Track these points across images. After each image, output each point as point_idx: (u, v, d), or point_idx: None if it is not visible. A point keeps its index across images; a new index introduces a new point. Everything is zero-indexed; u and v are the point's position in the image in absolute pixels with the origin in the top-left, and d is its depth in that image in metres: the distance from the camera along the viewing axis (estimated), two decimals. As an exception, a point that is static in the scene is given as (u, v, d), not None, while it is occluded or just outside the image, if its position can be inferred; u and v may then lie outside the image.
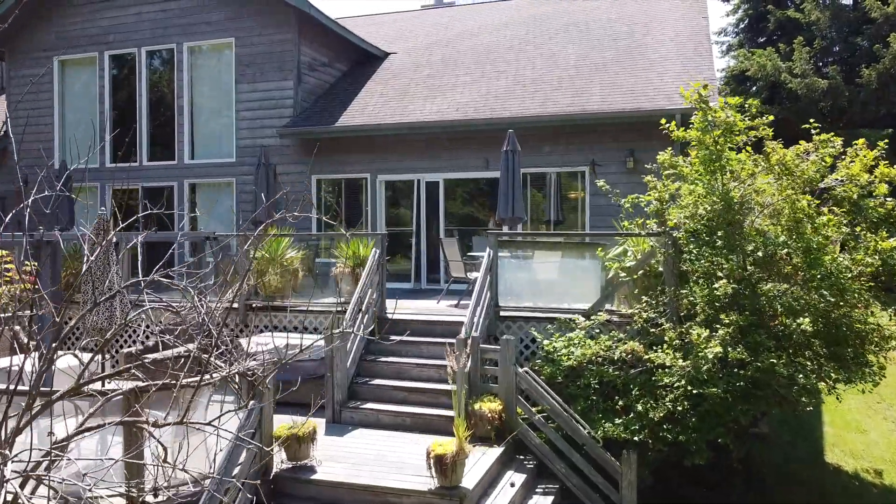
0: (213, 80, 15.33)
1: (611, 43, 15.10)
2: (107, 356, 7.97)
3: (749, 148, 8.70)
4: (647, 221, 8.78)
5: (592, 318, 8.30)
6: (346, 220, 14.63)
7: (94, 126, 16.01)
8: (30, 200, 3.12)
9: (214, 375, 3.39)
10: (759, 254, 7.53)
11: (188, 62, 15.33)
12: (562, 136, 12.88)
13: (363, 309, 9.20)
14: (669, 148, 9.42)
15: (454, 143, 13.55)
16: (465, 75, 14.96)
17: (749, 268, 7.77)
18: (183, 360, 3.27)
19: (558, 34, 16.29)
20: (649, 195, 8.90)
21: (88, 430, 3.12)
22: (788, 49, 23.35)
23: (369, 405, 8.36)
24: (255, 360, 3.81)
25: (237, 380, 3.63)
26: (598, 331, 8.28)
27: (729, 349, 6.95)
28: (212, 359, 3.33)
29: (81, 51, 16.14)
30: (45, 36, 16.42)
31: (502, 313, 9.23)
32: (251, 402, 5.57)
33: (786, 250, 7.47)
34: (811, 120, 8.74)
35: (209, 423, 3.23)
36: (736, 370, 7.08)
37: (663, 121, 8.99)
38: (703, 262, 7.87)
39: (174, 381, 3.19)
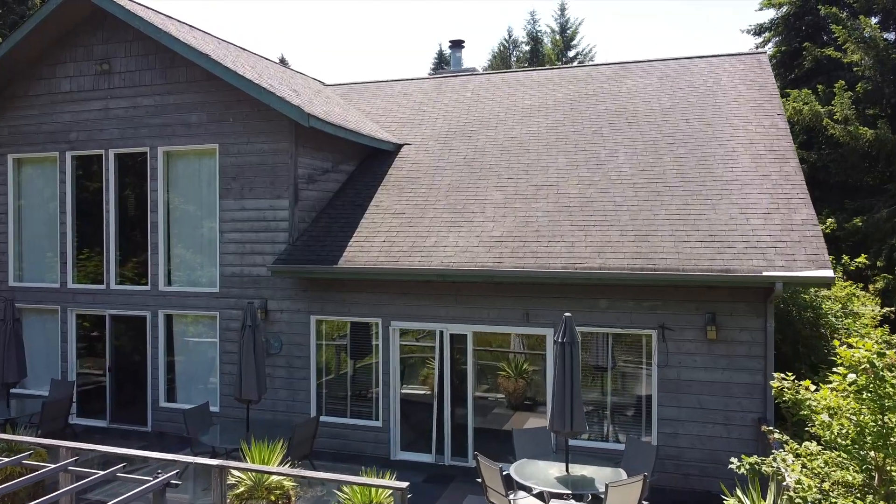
0: (193, 193, 12.80)
1: (670, 147, 12.55)
2: None
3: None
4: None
5: None
6: (351, 357, 12.12)
7: (55, 234, 13.55)
8: None
9: None
10: None
11: (163, 170, 12.81)
12: (623, 290, 10.36)
13: None
14: (789, 386, 6.89)
15: (486, 290, 11.03)
16: (496, 188, 12.42)
17: None
18: None
19: (602, 128, 13.74)
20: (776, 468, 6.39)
21: None
22: (828, 90, 21.01)
23: None
24: None
25: None
26: None
27: None
28: None
29: (40, 149, 13.64)
30: (-2, 128, 13.97)
31: None
32: None
33: None
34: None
35: None
36: None
37: (803, 384, 6.46)
38: None
39: None
